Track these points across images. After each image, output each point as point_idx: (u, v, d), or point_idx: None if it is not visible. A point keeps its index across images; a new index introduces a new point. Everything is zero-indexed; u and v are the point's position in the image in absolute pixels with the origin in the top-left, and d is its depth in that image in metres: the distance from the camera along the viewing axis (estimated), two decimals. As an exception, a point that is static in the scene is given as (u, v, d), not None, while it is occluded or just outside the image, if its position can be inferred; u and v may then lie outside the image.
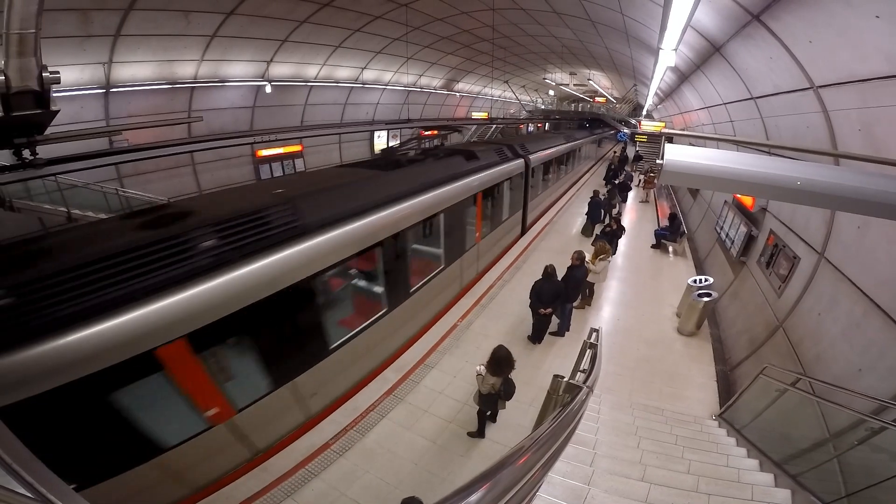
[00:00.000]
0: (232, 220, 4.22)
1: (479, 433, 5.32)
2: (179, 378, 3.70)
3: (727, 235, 9.97)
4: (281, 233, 4.53)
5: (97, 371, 3.12)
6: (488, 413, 5.40)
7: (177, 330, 3.55)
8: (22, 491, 1.02)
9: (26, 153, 3.97)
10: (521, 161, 11.64)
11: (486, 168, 9.36)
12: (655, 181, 21.88)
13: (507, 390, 4.94)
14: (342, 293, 6.08)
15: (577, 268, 7.77)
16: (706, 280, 8.43)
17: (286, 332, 4.81)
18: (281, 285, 4.41)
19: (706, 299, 7.82)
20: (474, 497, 1.45)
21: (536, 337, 7.57)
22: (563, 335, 7.85)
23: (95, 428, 3.35)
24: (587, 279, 8.37)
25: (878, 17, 3.65)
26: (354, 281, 6.26)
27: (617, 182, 19.21)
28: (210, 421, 4.04)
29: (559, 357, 7.21)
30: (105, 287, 3.27)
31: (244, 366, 4.41)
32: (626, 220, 15.77)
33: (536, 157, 13.10)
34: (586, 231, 13.87)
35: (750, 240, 8.50)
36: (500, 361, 4.84)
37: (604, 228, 12.24)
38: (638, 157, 28.85)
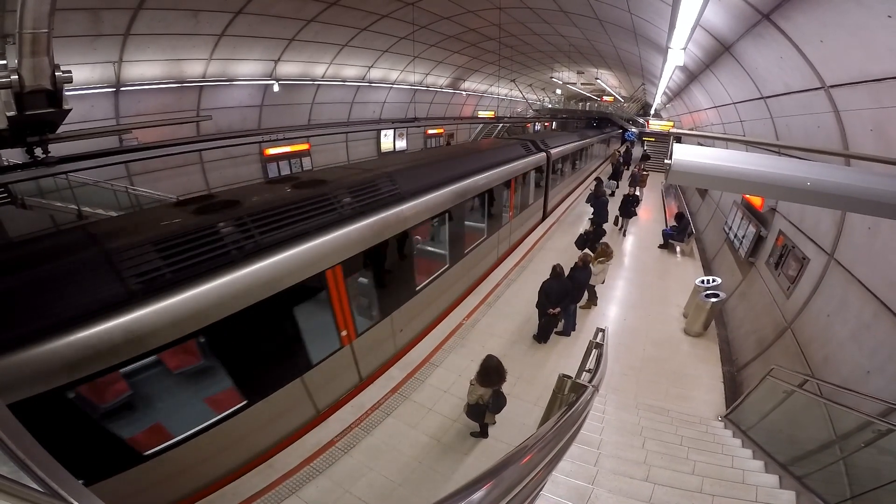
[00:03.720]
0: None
1: (483, 433, 5.33)
2: None
3: (735, 236, 9.90)
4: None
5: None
6: (479, 429, 5.30)
7: None
8: (33, 486, 1.04)
9: (38, 151, 4.03)
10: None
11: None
12: (648, 179, 21.76)
13: (497, 403, 4.76)
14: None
15: (581, 269, 7.76)
16: (714, 280, 8.37)
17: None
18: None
19: (714, 300, 7.76)
20: (477, 495, 1.46)
21: (542, 336, 7.56)
22: (568, 335, 7.84)
23: None
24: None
25: (890, 16, 3.61)
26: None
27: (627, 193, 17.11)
28: None
29: (564, 356, 7.20)
30: None
31: None
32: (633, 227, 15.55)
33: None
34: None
35: (759, 240, 8.43)
36: (489, 372, 4.67)
37: (581, 235, 11.10)
38: (646, 157, 28.64)
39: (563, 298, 7.22)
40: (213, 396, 4.20)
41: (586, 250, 9.53)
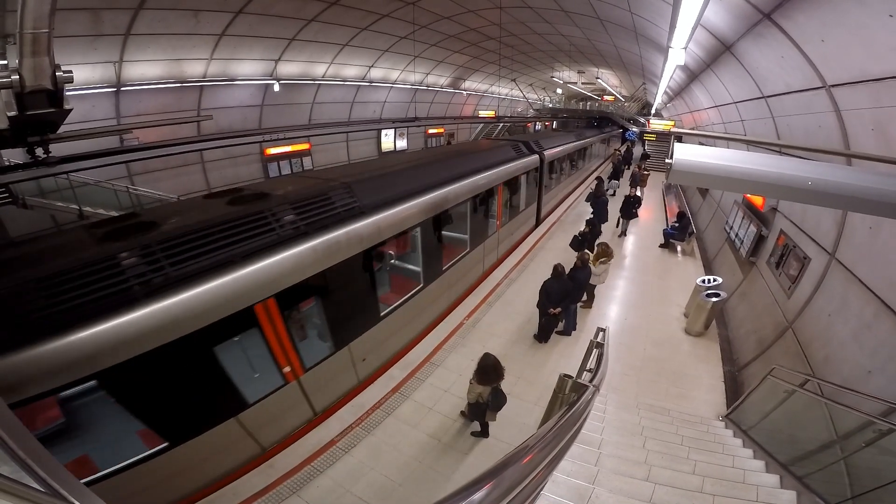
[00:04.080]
0: None
1: (483, 433, 5.33)
2: None
3: (736, 235, 9.89)
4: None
5: None
6: (479, 429, 5.33)
7: None
8: (35, 486, 1.04)
9: (39, 151, 4.04)
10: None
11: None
12: (648, 179, 21.65)
13: (496, 401, 4.80)
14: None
15: (581, 270, 7.78)
16: (715, 280, 8.37)
17: None
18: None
19: (715, 299, 7.76)
20: (478, 495, 1.46)
21: (543, 336, 7.56)
22: (569, 334, 7.84)
23: None
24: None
25: (891, 16, 3.60)
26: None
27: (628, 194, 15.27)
28: None
29: (565, 356, 7.20)
30: None
31: None
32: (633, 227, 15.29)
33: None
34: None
35: (760, 240, 8.43)
36: (487, 370, 4.71)
37: (575, 236, 10.80)
38: (645, 156, 28.62)
39: (564, 298, 7.22)
40: (121, 443, 3.77)
41: (585, 250, 9.53)
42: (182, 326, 3.66)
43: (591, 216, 12.47)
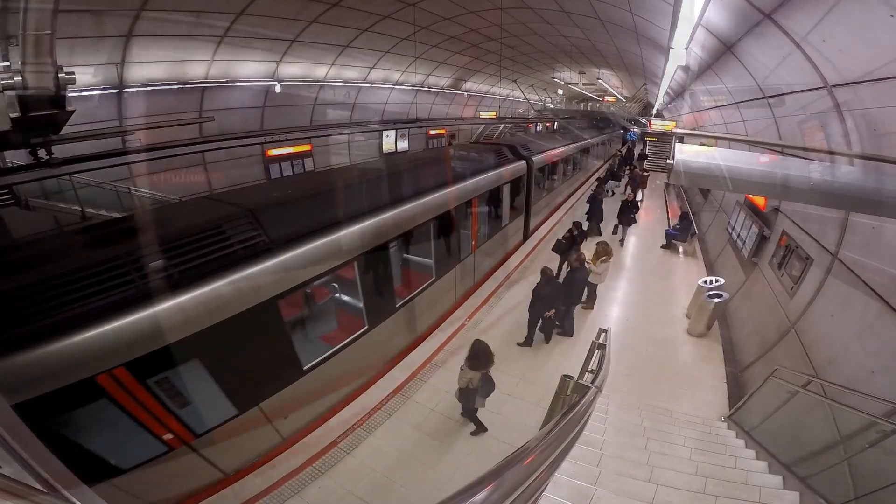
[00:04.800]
0: None
1: (479, 426, 5.39)
2: None
3: (738, 236, 9.87)
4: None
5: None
6: (475, 427, 5.39)
7: None
8: (36, 486, 1.04)
9: (42, 153, 4.05)
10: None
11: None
12: (648, 180, 21.57)
13: (485, 387, 4.93)
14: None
15: (578, 270, 7.76)
16: (717, 281, 8.35)
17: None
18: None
19: (717, 300, 7.74)
20: (480, 496, 1.45)
21: (530, 341, 7.51)
22: (571, 335, 7.83)
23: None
24: (589, 280, 8.34)
25: (892, 15, 3.59)
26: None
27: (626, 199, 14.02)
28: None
29: (566, 357, 7.19)
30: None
31: None
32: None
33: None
34: (592, 231, 13.59)
35: (762, 240, 8.40)
36: (479, 355, 4.86)
37: (559, 240, 10.11)
38: (643, 156, 28.56)
39: (555, 300, 7.20)
40: None
41: (582, 251, 9.50)
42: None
43: (585, 217, 12.67)
